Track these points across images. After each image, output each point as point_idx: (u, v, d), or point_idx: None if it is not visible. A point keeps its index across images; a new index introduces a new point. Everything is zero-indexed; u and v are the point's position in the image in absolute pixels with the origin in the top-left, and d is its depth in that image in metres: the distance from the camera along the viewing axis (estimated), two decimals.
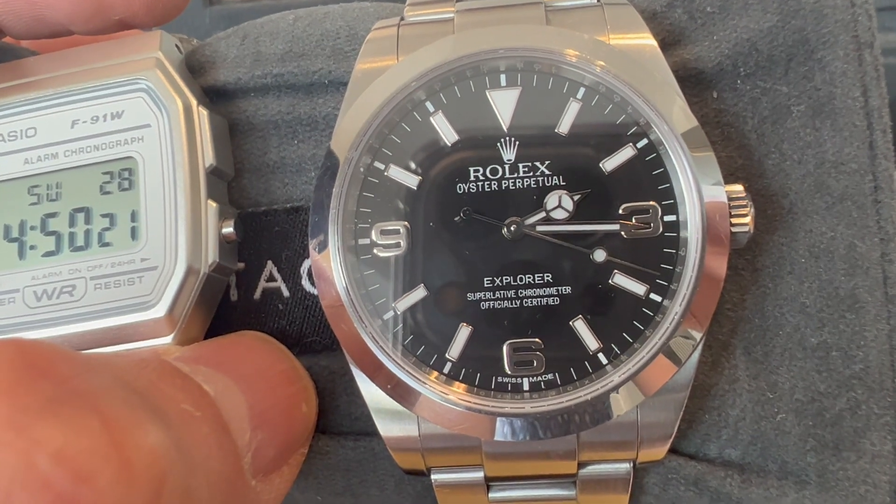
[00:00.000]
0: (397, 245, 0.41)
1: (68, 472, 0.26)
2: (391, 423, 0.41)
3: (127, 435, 0.28)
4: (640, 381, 0.39)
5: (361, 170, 0.41)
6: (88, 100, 0.44)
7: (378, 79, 0.41)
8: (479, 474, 0.41)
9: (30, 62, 0.46)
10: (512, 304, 0.40)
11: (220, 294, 0.44)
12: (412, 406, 0.40)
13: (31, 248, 0.43)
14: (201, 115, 0.43)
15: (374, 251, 0.41)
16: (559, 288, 0.40)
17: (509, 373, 0.39)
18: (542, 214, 0.40)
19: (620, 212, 0.40)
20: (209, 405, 0.35)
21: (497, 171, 0.41)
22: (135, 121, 0.43)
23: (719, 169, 0.39)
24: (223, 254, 0.42)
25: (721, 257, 0.39)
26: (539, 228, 0.40)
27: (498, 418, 0.39)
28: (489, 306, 0.40)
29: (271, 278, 0.45)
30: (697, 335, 0.39)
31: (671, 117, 0.39)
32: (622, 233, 0.40)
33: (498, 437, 0.39)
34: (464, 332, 0.40)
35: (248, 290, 0.45)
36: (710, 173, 0.39)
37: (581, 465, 0.41)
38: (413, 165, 0.41)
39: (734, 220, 0.39)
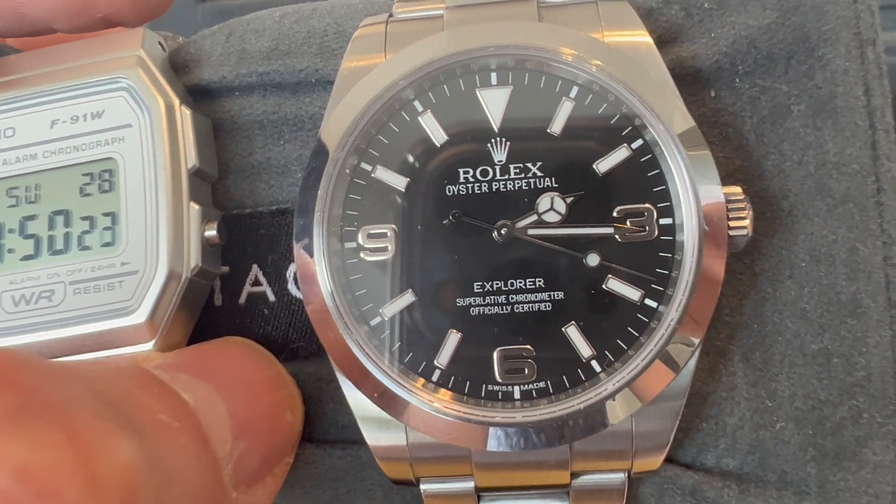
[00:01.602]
0: (385, 249, 0.40)
1: (31, 489, 0.25)
2: (378, 431, 0.40)
3: (95, 449, 0.27)
4: (635, 389, 0.37)
5: (348, 171, 0.40)
6: (68, 99, 0.42)
7: (365, 77, 0.40)
8: (470, 484, 0.40)
9: (8, 60, 0.45)
10: (503, 309, 0.39)
11: (204, 299, 0.43)
12: (400, 415, 0.39)
13: (9, 251, 0.42)
14: (184, 114, 0.42)
15: (361, 255, 0.40)
16: (551, 293, 0.39)
17: (500, 380, 0.38)
18: (534, 217, 0.39)
19: (615, 214, 0.39)
20: (188, 415, 0.34)
21: (487, 172, 0.40)
22: (115, 121, 0.42)
23: (715, 167, 0.38)
24: (206, 257, 0.41)
25: (719, 261, 0.38)
26: (531, 232, 0.39)
27: (490, 428, 0.38)
28: (479, 312, 0.39)
29: (256, 282, 0.44)
30: (694, 341, 0.38)
31: (667, 117, 0.38)
32: (616, 236, 0.38)
33: (488, 448, 0.38)
34: (453, 339, 0.39)
35: (233, 294, 0.44)
36: (707, 174, 0.38)
37: (574, 475, 0.40)
38: (401, 166, 0.40)
39: (732, 223, 0.38)
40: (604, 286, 0.38)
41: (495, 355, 0.38)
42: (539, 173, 0.39)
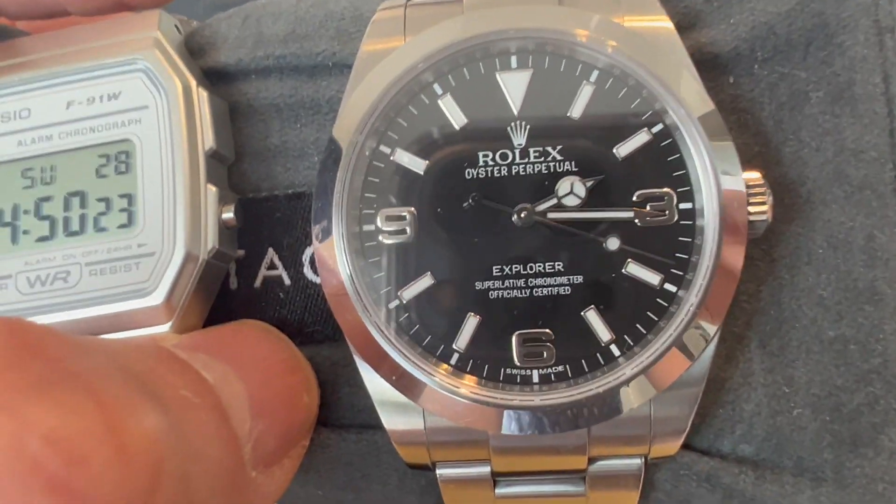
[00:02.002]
0: (403, 231, 0.39)
1: (60, 455, 0.25)
2: (396, 415, 0.40)
3: (122, 417, 0.26)
4: (654, 375, 0.37)
5: (367, 154, 0.40)
6: (84, 80, 0.42)
7: (384, 60, 0.40)
8: (486, 469, 0.40)
9: (24, 41, 0.45)
10: (521, 293, 0.39)
11: (220, 281, 0.43)
12: (417, 398, 0.38)
13: (25, 232, 0.42)
14: (201, 96, 0.42)
15: (380, 238, 0.40)
16: (570, 277, 0.38)
17: (518, 364, 0.38)
18: (554, 201, 0.39)
19: (634, 199, 0.39)
20: (209, 392, 0.34)
21: (507, 156, 0.39)
22: (132, 102, 0.42)
23: (736, 152, 0.38)
24: (223, 240, 0.41)
25: (738, 247, 0.38)
26: (550, 215, 0.39)
27: (506, 411, 0.38)
28: (498, 295, 0.39)
29: (272, 266, 0.44)
30: (713, 327, 0.38)
31: (687, 102, 0.38)
32: (636, 220, 0.38)
33: (505, 431, 0.38)
34: (471, 323, 0.39)
35: (249, 277, 0.44)
36: (727, 160, 0.38)
37: (591, 460, 0.40)
38: (420, 150, 0.40)
39: (752, 209, 0.38)
40: (623, 270, 0.38)
41: (514, 339, 0.38)
42: (559, 157, 0.39)
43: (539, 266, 0.39)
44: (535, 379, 0.38)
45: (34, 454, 0.24)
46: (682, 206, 0.38)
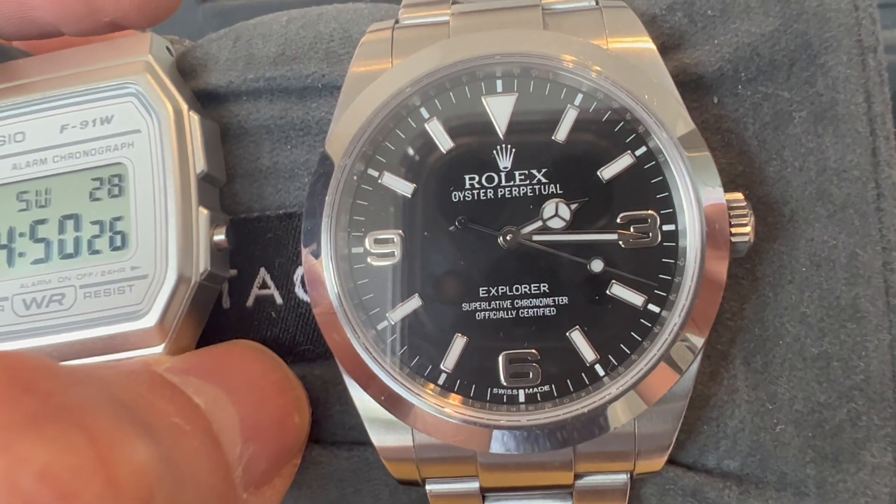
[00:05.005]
0: (391, 254, 0.40)
1: (53, 491, 0.25)
2: (385, 433, 0.40)
3: (114, 451, 0.27)
4: (638, 393, 0.38)
5: (355, 177, 0.40)
6: (77, 104, 0.43)
7: (372, 84, 0.41)
8: (475, 485, 0.41)
9: (18, 65, 0.45)
10: (508, 314, 0.39)
11: (212, 302, 0.44)
12: (405, 417, 0.39)
13: (20, 255, 0.42)
14: (192, 120, 0.42)
15: (368, 260, 0.40)
16: (556, 298, 0.39)
17: (505, 384, 0.39)
18: (539, 223, 0.39)
19: (618, 221, 0.39)
20: (200, 418, 0.34)
21: (493, 178, 0.40)
22: (125, 126, 0.42)
23: (717, 171, 0.38)
24: (215, 261, 0.42)
25: (721, 266, 0.38)
26: (536, 238, 0.39)
27: (493, 431, 0.38)
28: (484, 316, 0.39)
29: (264, 285, 0.44)
30: (697, 345, 0.38)
31: (670, 125, 0.39)
32: (620, 242, 0.39)
33: (493, 450, 0.38)
34: (459, 343, 0.39)
35: (241, 297, 0.44)
36: (709, 181, 0.38)
37: (578, 476, 0.40)
38: (407, 173, 0.40)
39: (734, 230, 0.38)
40: (608, 291, 0.39)
41: (500, 359, 0.39)
42: (544, 180, 0.40)
43: (525, 287, 0.39)
44: (522, 399, 0.39)
45: (27, 491, 0.25)
46: (666, 227, 0.39)
